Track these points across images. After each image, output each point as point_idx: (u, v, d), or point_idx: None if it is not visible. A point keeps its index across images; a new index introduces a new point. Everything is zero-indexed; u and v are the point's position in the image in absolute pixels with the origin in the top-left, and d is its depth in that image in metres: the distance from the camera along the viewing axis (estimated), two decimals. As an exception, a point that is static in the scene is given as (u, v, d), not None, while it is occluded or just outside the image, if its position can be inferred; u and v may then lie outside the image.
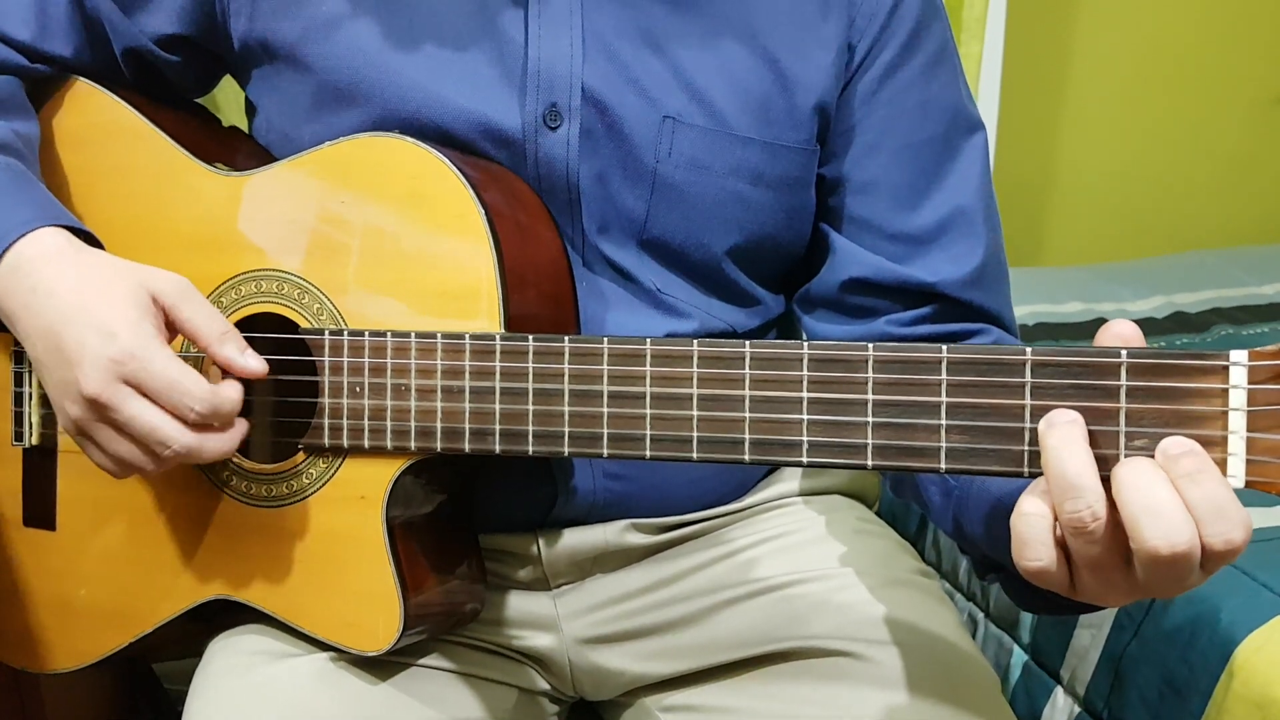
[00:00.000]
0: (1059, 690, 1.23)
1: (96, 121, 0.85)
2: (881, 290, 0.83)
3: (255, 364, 0.74)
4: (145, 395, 0.71)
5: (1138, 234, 2.29)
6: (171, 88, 0.91)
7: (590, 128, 0.79)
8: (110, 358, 0.70)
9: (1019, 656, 1.29)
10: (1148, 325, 1.79)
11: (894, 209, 0.83)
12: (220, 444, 0.73)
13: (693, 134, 0.80)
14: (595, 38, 0.79)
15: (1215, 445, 0.57)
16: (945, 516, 0.78)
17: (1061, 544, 0.58)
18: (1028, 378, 0.59)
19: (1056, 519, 0.57)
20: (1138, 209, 2.30)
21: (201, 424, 0.72)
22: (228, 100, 1.22)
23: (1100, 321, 1.79)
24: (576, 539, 0.84)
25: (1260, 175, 2.35)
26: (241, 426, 0.74)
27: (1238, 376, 0.56)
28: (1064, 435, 0.57)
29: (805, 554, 0.86)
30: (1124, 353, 0.58)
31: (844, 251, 0.84)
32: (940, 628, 0.84)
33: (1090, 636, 1.19)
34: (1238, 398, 0.56)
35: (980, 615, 1.36)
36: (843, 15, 0.82)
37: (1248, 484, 0.57)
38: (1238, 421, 0.56)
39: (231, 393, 0.73)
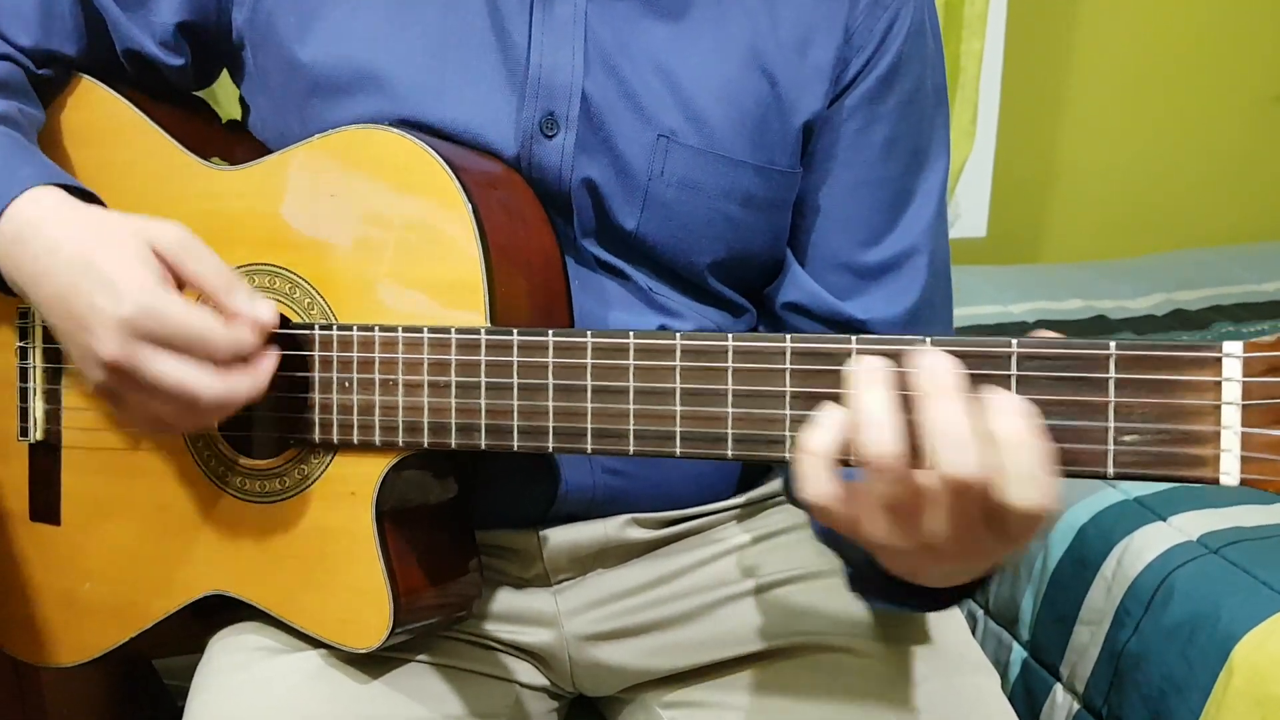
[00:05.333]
0: (1058, 687, 1.23)
1: (98, 118, 0.85)
2: (816, 319, 0.84)
3: (265, 312, 0.72)
4: (168, 348, 0.69)
5: (1138, 231, 2.29)
6: (172, 86, 0.91)
7: (585, 140, 0.79)
8: (121, 318, 0.68)
9: (1018, 653, 1.29)
10: (1148, 322, 1.79)
11: (845, 242, 0.84)
12: (250, 382, 0.71)
13: (686, 154, 0.80)
14: (597, 50, 0.79)
15: (1208, 441, 0.54)
16: None
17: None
18: (1013, 369, 0.57)
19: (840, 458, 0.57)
20: (1138, 206, 2.30)
21: (230, 363, 0.70)
22: (229, 97, 1.22)
23: (1101, 319, 1.78)
24: (577, 534, 0.84)
25: (1260, 173, 2.34)
26: (269, 361, 0.72)
27: (1231, 369, 0.54)
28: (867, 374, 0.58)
29: (806, 550, 0.86)
30: (1113, 344, 0.56)
31: (793, 273, 0.85)
32: (940, 624, 0.84)
33: (1090, 634, 1.19)
34: (1231, 391, 0.54)
35: (980, 612, 1.36)
36: (839, 31, 0.81)
37: (1243, 482, 0.54)
38: (1231, 416, 0.54)
39: (246, 329, 0.71)
